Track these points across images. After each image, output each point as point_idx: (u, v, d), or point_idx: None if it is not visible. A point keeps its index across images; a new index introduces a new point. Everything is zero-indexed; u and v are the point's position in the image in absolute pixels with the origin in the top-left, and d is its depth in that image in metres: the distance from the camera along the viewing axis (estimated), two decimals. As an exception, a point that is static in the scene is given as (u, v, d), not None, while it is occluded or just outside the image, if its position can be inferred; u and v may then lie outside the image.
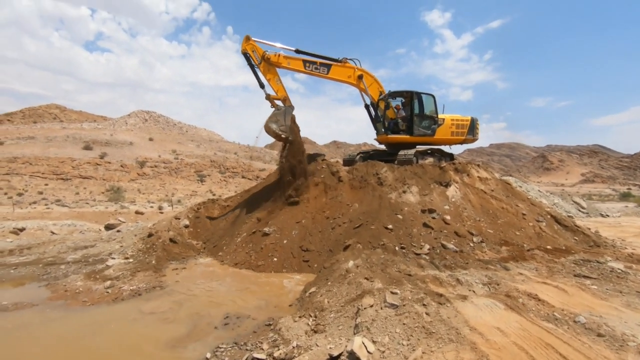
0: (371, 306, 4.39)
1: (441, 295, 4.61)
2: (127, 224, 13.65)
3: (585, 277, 5.86)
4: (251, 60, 9.87)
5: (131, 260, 8.08)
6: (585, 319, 4.02)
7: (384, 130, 11.60)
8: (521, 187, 19.21)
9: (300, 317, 4.75)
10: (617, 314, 4.29)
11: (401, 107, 11.87)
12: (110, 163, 49.94)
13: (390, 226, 7.97)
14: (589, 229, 10.30)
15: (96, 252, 9.07)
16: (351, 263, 6.19)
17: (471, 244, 7.69)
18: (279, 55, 10.06)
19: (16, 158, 45.38)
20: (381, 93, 11.66)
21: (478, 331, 3.65)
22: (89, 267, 7.81)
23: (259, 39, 10.14)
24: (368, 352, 3.62)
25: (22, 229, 12.08)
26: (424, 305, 4.22)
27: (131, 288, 6.42)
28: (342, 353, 3.68)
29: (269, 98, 10.03)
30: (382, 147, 13.06)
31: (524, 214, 9.47)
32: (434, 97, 11.77)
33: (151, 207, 26.20)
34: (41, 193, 37.68)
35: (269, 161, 72.25)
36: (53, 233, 12.31)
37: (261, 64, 9.85)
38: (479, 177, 10.65)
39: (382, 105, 11.56)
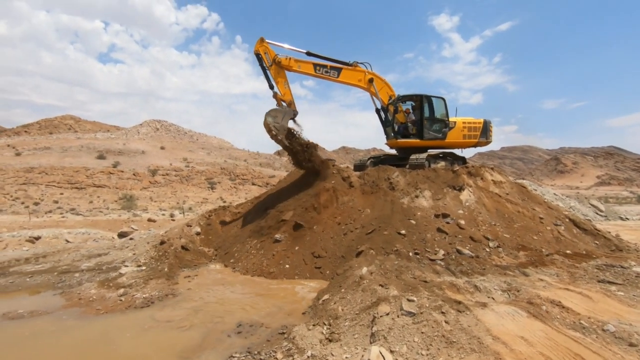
0: (387, 314, 4.27)
1: (460, 302, 4.46)
2: (140, 231, 13.76)
3: (610, 282, 5.62)
4: (263, 61, 10.07)
5: (144, 268, 8.09)
6: (614, 327, 3.83)
7: (393, 134, 11.51)
8: (536, 190, 18.81)
9: (314, 325, 4.64)
10: (647, 321, 4.08)
11: (411, 110, 11.76)
12: (123, 172, 50.74)
13: (403, 231, 7.82)
14: (609, 232, 9.96)
15: (109, 260, 9.12)
16: (365, 269, 6.07)
17: (487, 249, 7.49)
18: (289, 59, 10.20)
19: (33, 168, 46.48)
20: (391, 97, 11.59)
21: (501, 340, 3.49)
22: (102, 275, 7.85)
23: (273, 41, 10.31)
24: (386, 362, 3.50)
25: (37, 238, 12.28)
26: (442, 313, 4.08)
27: (144, 296, 6.41)
28: (358, 363, 3.57)
29: (276, 97, 10.25)
30: (393, 151, 12.94)
31: (541, 218, 9.21)
32: (444, 100, 11.64)
33: (163, 214, 26.44)
34: (56, 202, 38.43)
35: (278, 168, 72.55)
36: (67, 241, 12.47)
37: (272, 66, 10.03)
38: (493, 180, 10.43)
39: (392, 109, 11.47)
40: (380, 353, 3.55)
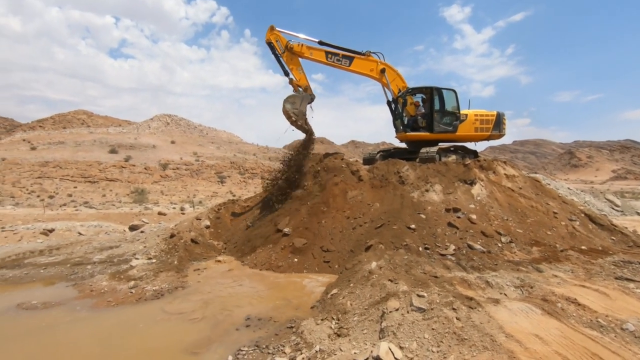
0: (397, 310, 4.20)
1: (471, 298, 4.36)
2: (150, 224, 13.92)
3: (628, 279, 5.44)
4: (275, 49, 10.11)
5: (154, 260, 8.17)
6: (633, 326, 3.69)
7: (403, 127, 11.30)
8: (549, 184, 18.40)
9: (322, 319, 4.61)
10: (668, 320, 3.92)
11: (420, 103, 11.55)
12: (134, 166, 51.40)
13: (413, 226, 7.72)
14: (626, 228, 9.68)
15: (121, 252, 9.24)
16: (374, 264, 6.00)
17: (499, 244, 7.33)
18: (301, 46, 10.22)
19: (48, 162, 47.41)
20: (400, 90, 11.39)
21: (515, 338, 3.39)
22: (113, 267, 7.95)
23: (283, 29, 10.30)
24: (395, 358, 3.44)
25: (51, 230, 12.52)
26: (453, 309, 3.99)
27: (154, 288, 6.46)
28: (367, 359, 3.52)
29: (292, 83, 10.34)
30: (403, 145, 12.76)
31: (555, 213, 8.99)
32: (455, 92, 11.39)
33: (173, 208, 26.74)
34: (70, 195, 39.19)
35: (287, 162, 72.50)
36: (80, 234, 12.69)
37: (284, 53, 10.08)
38: (505, 174, 10.21)
39: (401, 102, 11.28)
40: (390, 349, 3.49)
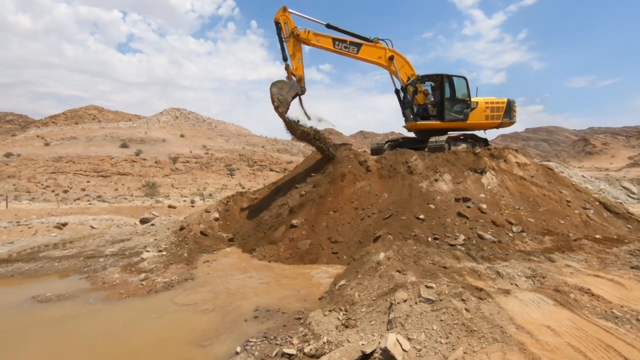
0: (405, 301, 4.16)
1: (481, 289, 4.29)
2: (161, 217, 14.10)
3: (645, 269, 5.29)
4: (281, 31, 9.79)
5: (164, 253, 8.27)
6: (650, 317, 3.58)
7: (412, 116, 11.11)
8: (563, 172, 17.99)
9: (330, 311, 4.60)
10: (686, 311, 3.80)
11: (430, 91, 11.32)
12: (145, 160, 52.05)
13: (421, 216, 7.63)
14: (643, 216, 9.42)
15: (132, 245, 9.38)
16: (382, 255, 5.96)
17: (510, 234, 7.22)
18: (308, 32, 9.96)
19: (61, 157, 48.32)
20: (410, 77, 11.19)
21: (526, 330, 3.32)
22: (125, 260, 8.07)
23: (295, 12, 10.04)
24: (403, 349, 3.41)
25: (64, 224, 12.78)
26: (462, 300, 3.93)
27: (164, 280, 6.55)
28: (375, 350, 3.50)
29: (288, 69, 9.98)
30: (411, 134, 12.58)
31: (568, 201, 8.79)
32: (466, 79, 11.15)
33: (184, 201, 27.05)
34: (84, 190, 39.94)
35: (296, 153, 72.58)
36: (93, 227, 12.93)
37: (289, 38, 9.78)
38: (517, 162, 10.00)
39: (411, 90, 11.06)
40: (398, 340, 3.46)
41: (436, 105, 11.03)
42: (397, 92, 11.52)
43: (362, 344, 3.63)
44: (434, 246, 6.73)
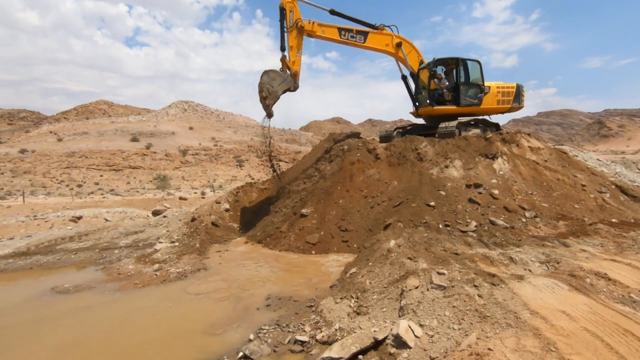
0: (416, 287, 4.15)
1: (494, 275, 4.25)
2: (172, 209, 14.28)
3: (663, 252, 5.17)
4: (285, 19, 9.15)
5: (177, 244, 8.40)
6: (669, 301, 3.50)
7: (428, 101, 10.81)
8: (577, 156, 17.58)
9: (341, 298, 4.62)
10: None
11: (443, 76, 11.06)
12: (155, 153, 52.58)
13: (432, 203, 7.56)
14: (662, 199, 9.16)
15: (145, 237, 9.54)
16: (392, 242, 5.93)
17: (523, 220, 7.10)
18: (313, 23, 9.40)
19: (74, 152, 49.14)
20: (421, 62, 10.96)
21: (540, 315, 3.28)
22: (139, 251, 8.22)
23: (316, 4, 9.56)
24: (415, 336, 3.41)
25: (79, 217, 13.07)
26: (475, 286, 3.89)
27: (177, 271, 6.66)
28: (387, 336, 3.51)
29: (283, 61, 9.32)
30: (420, 121, 12.38)
31: (583, 185, 8.60)
32: (479, 63, 10.92)
33: (195, 193, 27.35)
34: (97, 184, 40.67)
35: (304, 143, 72.43)
36: (107, 220, 13.20)
37: (293, 28, 9.18)
38: (529, 147, 9.79)
39: (426, 75, 10.81)
40: (410, 327, 3.46)
41: (452, 89, 10.80)
42: (404, 78, 11.28)
43: (374, 331, 3.64)
44: (445, 233, 6.67)
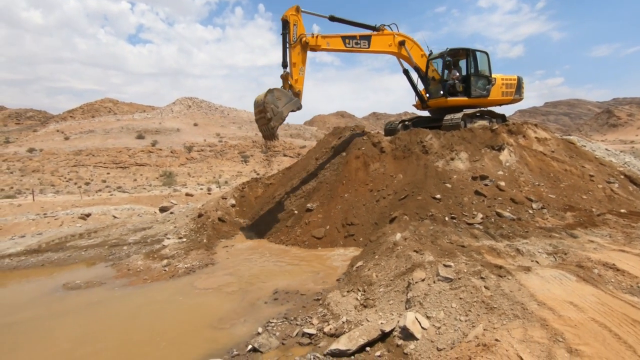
0: (423, 280, 4.16)
1: (500, 267, 4.24)
2: (179, 205, 14.41)
3: (673, 242, 5.11)
4: (288, 33, 8.40)
5: (184, 239, 8.48)
6: (678, 291, 3.48)
7: (442, 92, 10.67)
8: (585, 146, 17.36)
9: (348, 291, 4.65)
10: None
11: (446, 68, 10.94)
12: (161, 150, 52.92)
13: (438, 196, 7.54)
14: (672, 188, 9.03)
15: (153, 233, 9.65)
16: (398, 235, 5.94)
17: (530, 211, 7.06)
18: (316, 37, 8.76)
19: (81, 151, 49.64)
20: (430, 53, 10.86)
21: (548, 306, 3.28)
22: (147, 247, 8.33)
23: (310, 11, 8.97)
24: (422, 327, 3.43)
25: (88, 215, 13.25)
26: (481, 278, 3.90)
27: (185, 266, 6.74)
28: (394, 328, 3.53)
29: (286, 78, 8.39)
30: (425, 113, 12.29)
31: (591, 176, 8.51)
32: (487, 54, 10.83)
33: (201, 189, 27.51)
34: (104, 181, 41.10)
35: (309, 138, 72.36)
36: (115, 217, 13.36)
37: (296, 44, 8.45)
38: (536, 137, 9.69)
39: (439, 66, 10.72)
40: (416, 319, 3.48)
41: (462, 81, 10.72)
42: (405, 72, 11.13)
43: (381, 323, 3.67)
44: (451, 225, 6.66)
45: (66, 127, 67.63)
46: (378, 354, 3.29)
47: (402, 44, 10.25)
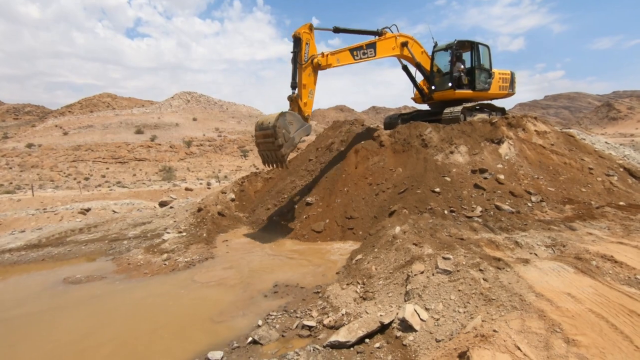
0: (422, 272, 4.19)
1: (499, 259, 4.27)
2: (179, 200, 14.43)
3: (671, 235, 5.14)
4: (300, 51, 7.89)
5: (184, 234, 8.50)
6: (675, 282, 3.50)
7: (450, 84, 10.57)
8: (585, 139, 17.35)
9: (347, 284, 4.68)
10: None
11: (456, 60, 10.86)
12: (160, 145, 52.83)
13: (437, 189, 7.55)
14: (671, 181, 9.05)
15: (153, 227, 9.67)
16: (398, 229, 5.96)
17: (529, 204, 7.08)
18: (326, 57, 8.35)
19: (80, 146, 49.55)
20: (422, 52, 10.77)
21: (545, 297, 3.30)
22: (147, 241, 8.35)
23: (322, 27, 8.69)
24: (421, 319, 3.46)
25: (88, 210, 13.26)
26: (480, 270, 3.92)
27: (185, 260, 6.77)
28: (393, 320, 3.57)
29: (295, 101, 7.89)
30: (424, 107, 12.26)
31: (590, 169, 8.52)
32: (489, 48, 10.82)
33: (200, 183, 27.52)
34: (104, 176, 41.09)
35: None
36: (114, 212, 13.38)
37: (307, 64, 7.99)
38: (536, 131, 9.68)
39: (447, 57, 10.68)
40: (415, 311, 3.51)
41: (467, 73, 10.70)
42: (404, 68, 11.04)
43: (380, 315, 3.70)
44: (450, 219, 6.68)
45: (65, 122, 67.36)
46: (377, 345, 3.33)
47: (404, 45, 10.15)
